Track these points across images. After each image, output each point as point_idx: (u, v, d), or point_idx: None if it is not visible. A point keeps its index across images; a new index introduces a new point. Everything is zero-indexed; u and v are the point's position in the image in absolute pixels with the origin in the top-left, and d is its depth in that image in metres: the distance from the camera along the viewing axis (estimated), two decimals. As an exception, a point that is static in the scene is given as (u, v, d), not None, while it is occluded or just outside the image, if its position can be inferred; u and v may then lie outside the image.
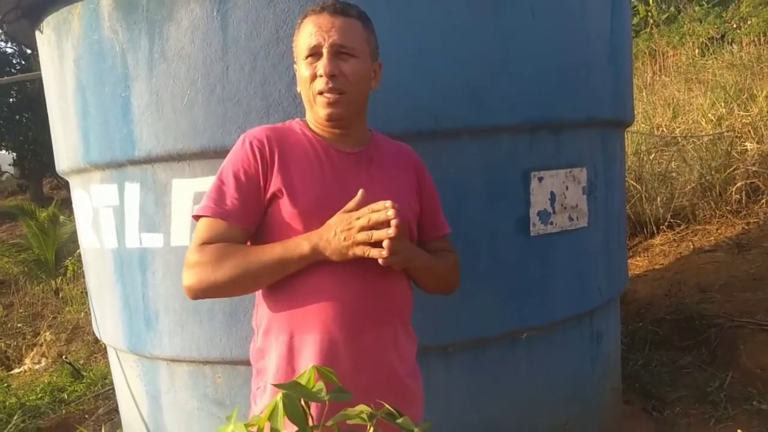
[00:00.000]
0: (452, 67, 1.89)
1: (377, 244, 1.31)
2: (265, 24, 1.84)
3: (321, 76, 1.38)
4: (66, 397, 4.49)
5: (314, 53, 1.39)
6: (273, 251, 1.36)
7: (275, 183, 1.40)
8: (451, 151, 1.93)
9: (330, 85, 1.38)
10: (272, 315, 1.43)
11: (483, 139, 1.97)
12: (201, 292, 1.39)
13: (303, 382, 0.72)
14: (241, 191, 1.39)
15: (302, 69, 1.42)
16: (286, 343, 1.40)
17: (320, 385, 0.72)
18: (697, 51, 9.67)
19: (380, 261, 1.32)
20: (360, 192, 1.35)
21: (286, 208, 1.39)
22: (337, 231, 1.32)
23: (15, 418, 3.90)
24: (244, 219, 1.40)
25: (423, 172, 1.58)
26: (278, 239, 1.40)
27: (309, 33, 1.40)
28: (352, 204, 1.34)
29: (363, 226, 1.31)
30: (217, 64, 1.88)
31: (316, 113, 1.44)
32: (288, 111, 1.82)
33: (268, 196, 1.40)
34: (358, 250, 1.31)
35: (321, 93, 1.39)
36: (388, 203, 1.31)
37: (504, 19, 1.95)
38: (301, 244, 1.35)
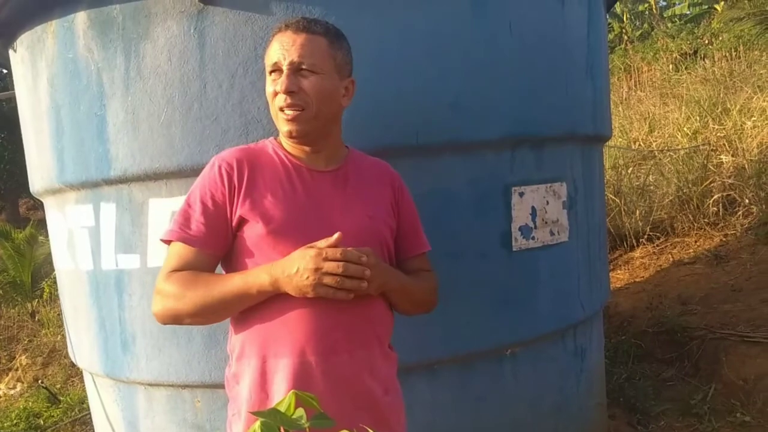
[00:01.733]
0: (433, 82, 1.89)
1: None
2: (243, 41, 1.82)
3: (279, 92, 1.38)
4: (42, 423, 4.37)
5: (275, 69, 1.40)
6: (233, 283, 1.35)
7: (245, 206, 1.38)
8: (433, 165, 1.92)
9: (288, 101, 1.38)
10: (244, 339, 1.41)
11: (464, 154, 1.97)
12: (168, 320, 1.41)
13: (282, 408, 0.70)
14: (208, 215, 1.39)
15: (267, 85, 1.43)
16: (258, 368, 1.37)
17: (300, 411, 0.70)
18: (671, 66, 9.87)
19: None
20: (337, 235, 1.31)
21: (256, 230, 1.37)
22: (301, 268, 1.29)
23: (-12, 446, 3.79)
24: (210, 243, 1.40)
25: (401, 189, 1.57)
26: (250, 262, 1.39)
27: (273, 50, 1.40)
28: (322, 243, 1.31)
29: (333, 272, 1.28)
30: (194, 82, 1.86)
31: (280, 130, 1.45)
32: (267, 128, 1.80)
33: (236, 219, 1.39)
34: (322, 291, 1.28)
35: (281, 109, 1.39)
36: (365, 257, 1.30)
37: (483, 34, 1.96)
38: (260, 277, 1.33)
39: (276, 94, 1.40)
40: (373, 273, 1.31)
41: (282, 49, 1.38)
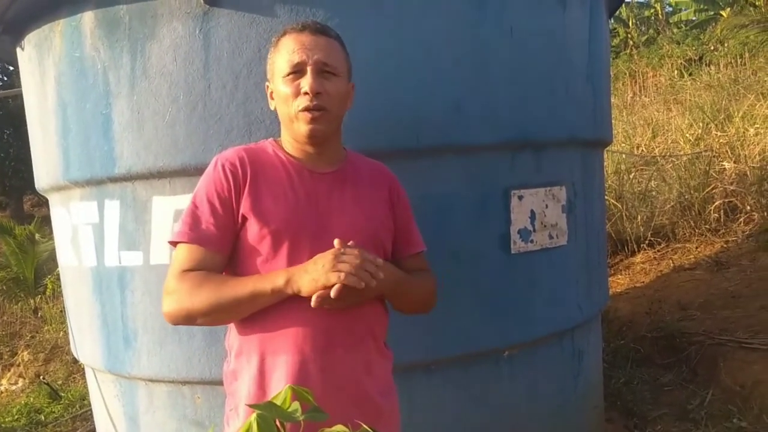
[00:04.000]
0: (433, 85, 1.91)
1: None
2: (247, 43, 1.85)
3: (306, 93, 1.38)
4: (43, 418, 4.40)
5: (297, 70, 1.39)
6: (248, 282, 1.36)
7: (246, 205, 1.39)
8: (433, 168, 1.94)
9: (314, 103, 1.38)
10: (243, 337, 1.42)
11: (464, 157, 1.99)
12: (180, 319, 1.41)
13: (278, 402, 0.72)
14: (216, 215, 1.39)
15: (281, 87, 1.41)
16: (257, 365, 1.39)
17: (295, 405, 0.72)
18: (675, 72, 9.87)
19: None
20: (351, 243, 1.35)
21: (256, 229, 1.39)
22: (318, 261, 1.32)
23: (-11, 440, 3.82)
24: (221, 243, 1.40)
25: (397, 190, 1.59)
26: (250, 262, 1.40)
27: (291, 50, 1.39)
28: (338, 244, 1.35)
29: (350, 262, 1.31)
30: (199, 82, 1.88)
31: (296, 131, 1.43)
32: (270, 129, 1.82)
33: (240, 218, 1.40)
34: (334, 277, 1.29)
35: (305, 110, 1.39)
36: (379, 259, 1.35)
37: (484, 38, 1.98)
38: (277, 276, 1.34)
39: (297, 94, 1.39)
40: (384, 274, 1.34)
41: (305, 49, 1.38)
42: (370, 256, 1.34)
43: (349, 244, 1.35)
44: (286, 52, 1.41)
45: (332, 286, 1.30)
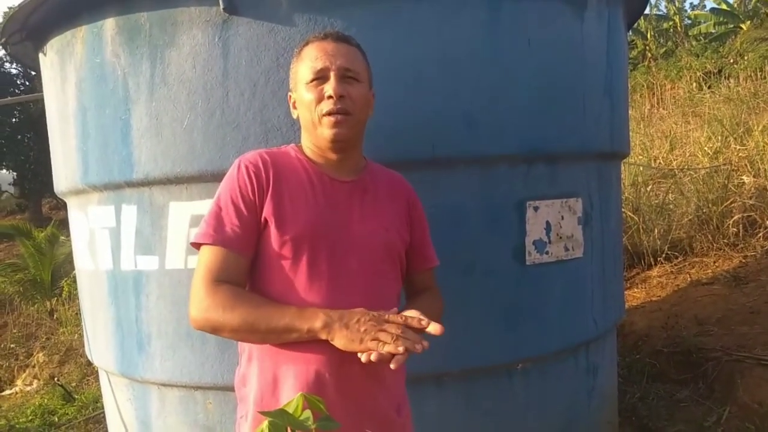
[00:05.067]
0: (449, 95, 1.91)
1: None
2: (265, 51, 1.86)
3: (330, 97, 1.39)
4: (56, 420, 4.43)
5: (321, 76, 1.40)
6: (286, 314, 1.33)
7: (268, 208, 1.39)
8: (447, 178, 1.94)
9: (338, 106, 1.39)
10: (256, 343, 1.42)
11: (479, 168, 1.98)
12: (206, 328, 1.38)
13: (290, 409, 0.72)
14: (241, 217, 1.38)
15: (305, 93, 1.42)
16: (270, 372, 1.39)
17: (307, 413, 0.72)
18: (694, 85, 9.79)
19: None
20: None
21: (275, 234, 1.38)
22: (362, 320, 1.29)
23: (3, 441, 3.85)
24: (245, 245, 1.39)
25: (415, 203, 1.59)
26: (272, 267, 1.40)
27: (314, 57, 1.41)
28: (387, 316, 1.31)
29: (391, 332, 1.26)
30: (217, 90, 1.90)
31: (319, 136, 1.43)
32: (286, 136, 1.83)
33: (263, 220, 1.40)
34: (372, 344, 1.25)
35: (329, 114, 1.39)
36: (425, 321, 1.29)
37: (500, 49, 1.98)
38: (315, 317, 1.31)
39: (321, 99, 1.40)
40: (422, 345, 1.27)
41: (328, 55, 1.40)
42: (415, 320, 1.29)
43: (392, 311, 1.32)
44: (309, 60, 1.42)
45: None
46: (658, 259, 5.28)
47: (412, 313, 1.31)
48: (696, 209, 5.47)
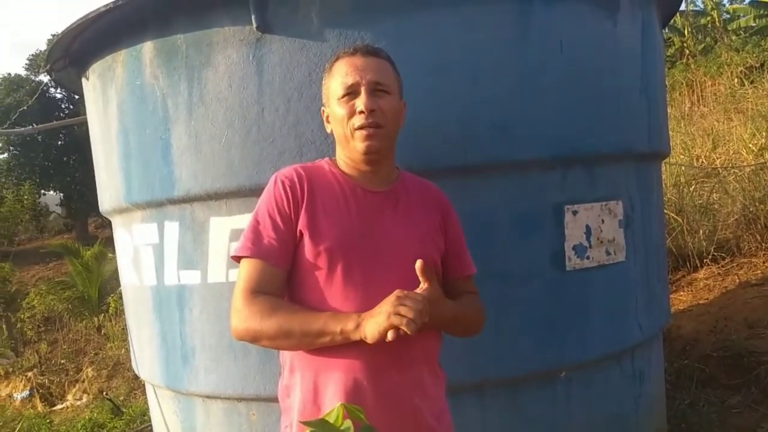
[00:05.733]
0: (480, 102, 1.91)
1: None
2: (298, 67, 1.89)
3: (361, 112, 1.41)
4: (106, 433, 4.54)
5: (351, 91, 1.43)
6: (320, 318, 1.37)
7: (303, 221, 1.42)
8: (481, 185, 1.93)
9: (370, 120, 1.41)
10: (297, 353, 1.44)
11: (513, 173, 1.97)
12: (246, 338, 1.43)
13: (331, 419, 0.72)
14: (278, 230, 1.42)
15: (337, 108, 1.45)
16: (311, 382, 1.40)
17: (348, 423, 0.72)
18: (735, 80, 9.51)
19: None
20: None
21: (310, 246, 1.41)
22: (385, 302, 1.32)
23: (56, 454, 3.96)
24: (282, 257, 1.43)
25: (449, 211, 1.59)
26: (308, 279, 1.43)
27: (344, 73, 1.44)
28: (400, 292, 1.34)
29: (410, 305, 1.29)
30: (253, 107, 1.94)
31: (353, 149, 1.46)
32: (320, 150, 1.85)
33: (298, 233, 1.43)
34: (396, 320, 1.28)
35: (360, 128, 1.42)
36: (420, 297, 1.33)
37: (532, 53, 1.97)
38: (348, 318, 1.35)
39: (353, 114, 1.42)
40: (431, 308, 1.33)
41: (358, 71, 1.43)
42: (435, 294, 1.36)
43: (417, 265, 1.35)
44: (339, 76, 1.45)
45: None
46: (704, 260, 5.13)
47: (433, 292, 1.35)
48: (742, 208, 5.30)
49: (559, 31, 2.00)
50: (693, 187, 6.04)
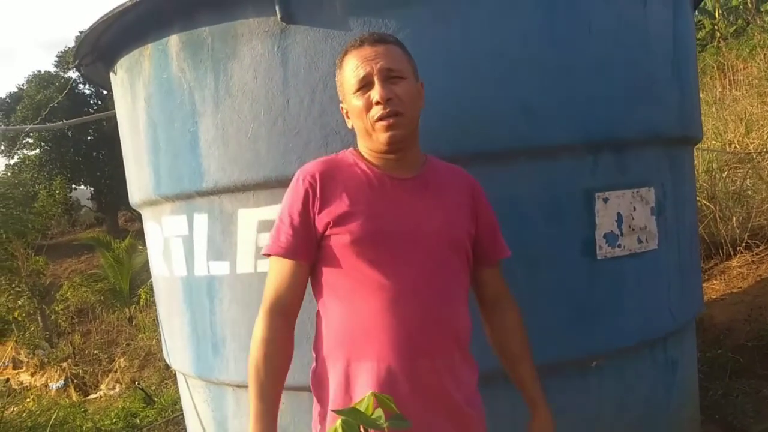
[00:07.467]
0: (506, 87, 1.88)
1: None
2: (322, 57, 1.88)
3: (378, 102, 1.40)
4: (138, 422, 4.64)
5: (365, 83, 1.42)
6: (255, 412, 1.44)
7: (328, 214, 1.42)
8: (509, 171, 1.91)
9: (388, 110, 1.40)
10: (328, 341, 1.45)
11: (541, 159, 1.94)
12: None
13: (362, 408, 0.72)
14: (294, 227, 1.45)
15: (353, 102, 1.44)
16: (342, 371, 1.41)
17: (379, 412, 0.72)
18: (769, 63, 9.23)
19: None
20: None
21: (339, 239, 1.42)
22: None
23: (92, 442, 4.05)
24: (305, 254, 1.46)
25: (479, 194, 1.57)
26: (334, 269, 1.44)
27: (355, 66, 1.43)
28: None
29: None
30: (278, 98, 1.94)
31: (375, 141, 1.45)
32: (345, 140, 1.85)
33: (321, 228, 1.44)
34: None
35: (380, 119, 1.40)
36: None
37: (560, 36, 1.93)
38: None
39: (370, 106, 1.41)
40: None
41: (368, 61, 1.41)
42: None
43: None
44: (350, 69, 1.44)
45: None
46: (738, 248, 5.01)
47: None
48: (777, 194, 5.16)
49: (587, 12, 1.96)
50: (726, 173, 5.90)
